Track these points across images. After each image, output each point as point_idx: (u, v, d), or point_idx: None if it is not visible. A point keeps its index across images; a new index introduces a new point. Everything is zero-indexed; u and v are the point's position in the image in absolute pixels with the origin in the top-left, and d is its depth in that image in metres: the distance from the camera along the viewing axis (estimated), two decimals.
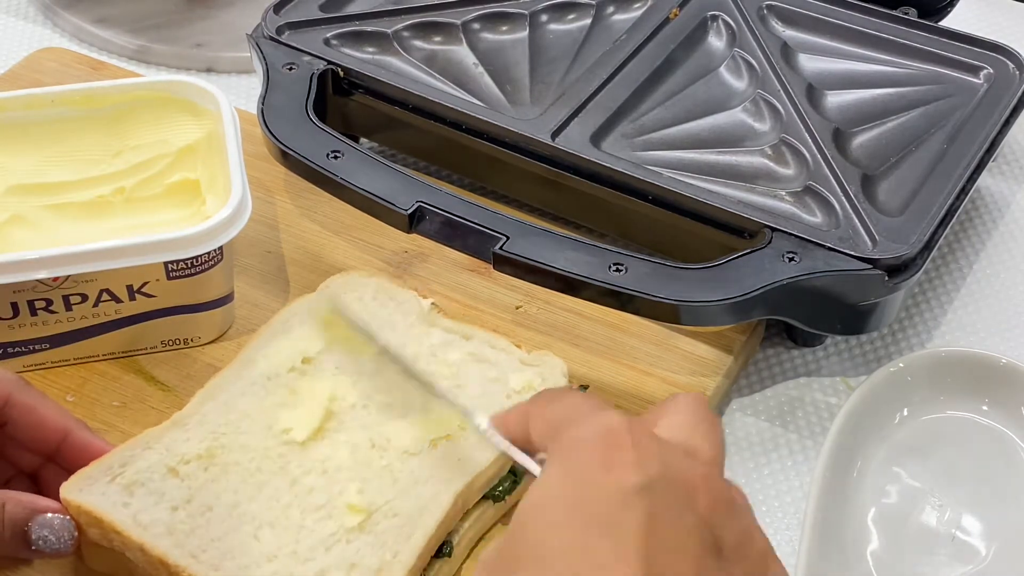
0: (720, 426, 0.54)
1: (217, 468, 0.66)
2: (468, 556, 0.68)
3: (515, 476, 0.69)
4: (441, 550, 0.66)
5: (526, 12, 0.90)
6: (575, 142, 0.80)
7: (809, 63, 0.88)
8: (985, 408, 0.75)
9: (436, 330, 0.74)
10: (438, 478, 0.66)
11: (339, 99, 0.85)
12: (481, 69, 0.87)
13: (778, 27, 0.91)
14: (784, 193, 0.78)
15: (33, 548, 0.63)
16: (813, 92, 0.85)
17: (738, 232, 0.76)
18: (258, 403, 0.69)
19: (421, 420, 0.68)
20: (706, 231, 0.77)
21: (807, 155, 0.80)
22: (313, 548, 0.63)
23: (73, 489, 0.64)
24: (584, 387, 0.73)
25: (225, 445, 0.67)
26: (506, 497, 0.69)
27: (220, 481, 0.65)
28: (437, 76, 0.86)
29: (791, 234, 0.74)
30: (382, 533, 0.64)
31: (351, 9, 0.90)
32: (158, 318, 0.75)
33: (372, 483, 0.66)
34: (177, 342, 0.77)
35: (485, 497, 0.68)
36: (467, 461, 0.67)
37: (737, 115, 0.84)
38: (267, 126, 0.79)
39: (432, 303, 0.75)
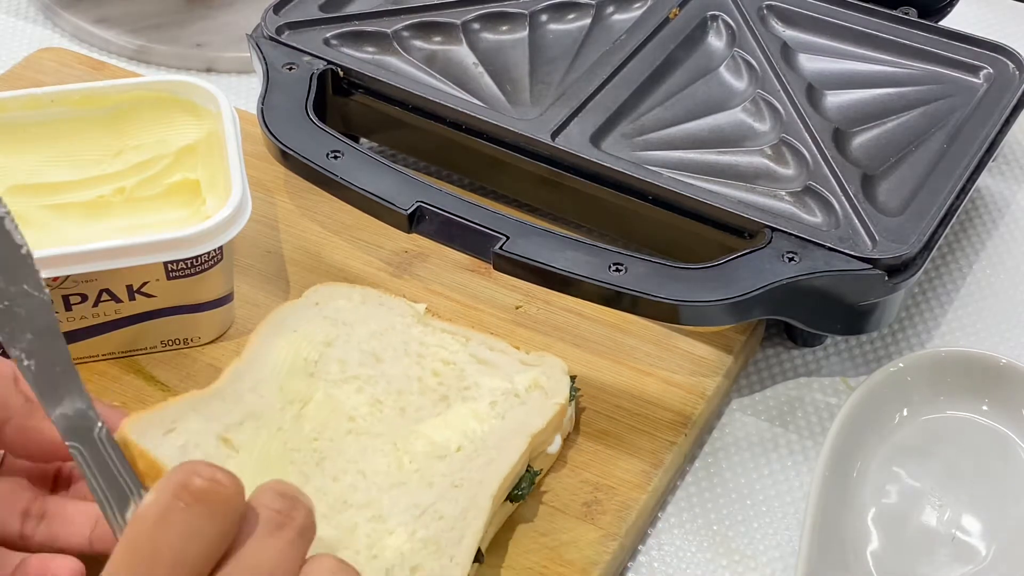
0: None
1: (256, 458, 0.64)
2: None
3: (529, 474, 0.68)
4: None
5: (526, 12, 0.90)
6: (575, 142, 0.80)
7: (809, 63, 0.88)
8: (985, 408, 0.75)
9: (435, 332, 0.73)
10: (471, 480, 0.65)
11: (339, 99, 0.85)
12: (481, 69, 0.87)
13: (778, 27, 0.91)
14: (784, 193, 0.78)
15: None
16: (813, 92, 0.85)
17: (738, 232, 0.76)
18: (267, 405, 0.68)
19: (438, 424, 0.68)
20: (706, 231, 0.77)
21: (807, 155, 0.80)
22: (372, 547, 0.62)
23: (135, 430, 0.61)
24: (575, 389, 0.72)
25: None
26: (525, 496, 0.68)
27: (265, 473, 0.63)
28: (437, 76, 0.86)
29: (791, 234, 0.74)
30: (436, 536, 0.63)
31: (351, 9, 0.90)
32: (158, 318, 0.75)
33: (410, 486, 0.65)
34: (177, 342, 0.77)
35: (506, 498, 0.68)
36: (493, 463, 0.66)
37: (737, 115, 0.84)
38: (267, 126, 0.79)
39: (426, 307, 0.75)
